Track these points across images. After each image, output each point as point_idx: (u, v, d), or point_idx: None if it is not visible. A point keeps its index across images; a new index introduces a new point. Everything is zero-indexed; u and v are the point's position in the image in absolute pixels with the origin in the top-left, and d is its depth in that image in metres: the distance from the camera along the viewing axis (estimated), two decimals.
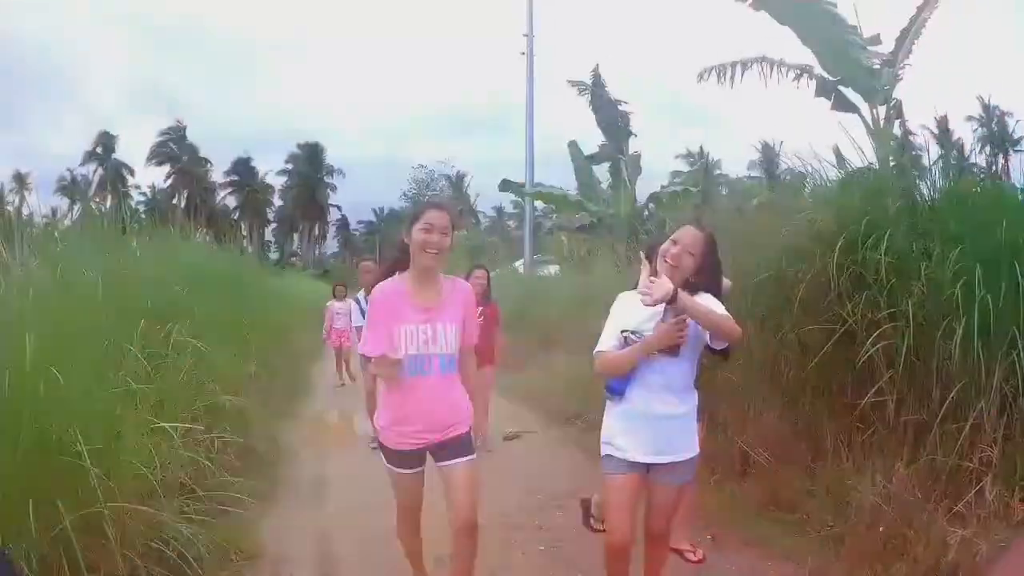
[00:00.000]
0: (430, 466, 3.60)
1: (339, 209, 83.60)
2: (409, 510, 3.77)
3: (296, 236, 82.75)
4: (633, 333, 3.29)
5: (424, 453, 3.56)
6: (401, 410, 3.47)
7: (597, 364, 3.39)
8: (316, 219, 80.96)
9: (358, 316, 8.06)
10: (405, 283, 3.48)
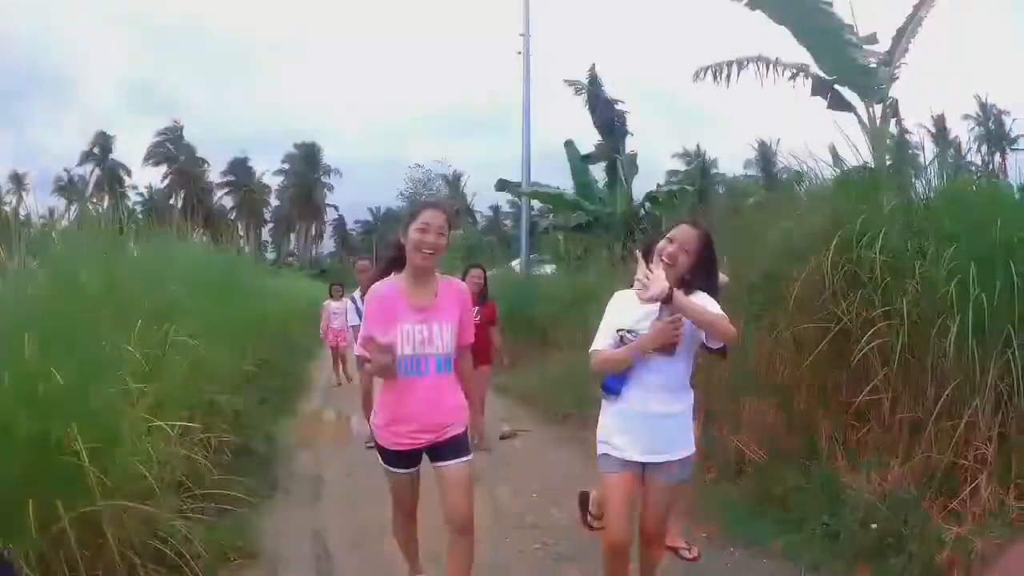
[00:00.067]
0: (426, 465, 3.60)
1: (336, 209, 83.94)
2: (405, 509, 3.78)
3: (293, 236, 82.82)
4: (629, 332, 3.28)
5: (420, 453, 3.56)
6: (397, 410, 3.47)
7: (593, 362, 3.39)
8: (313, 219, 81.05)
9: (354, 315, 8.04)
10: (401, 283, 3.47)
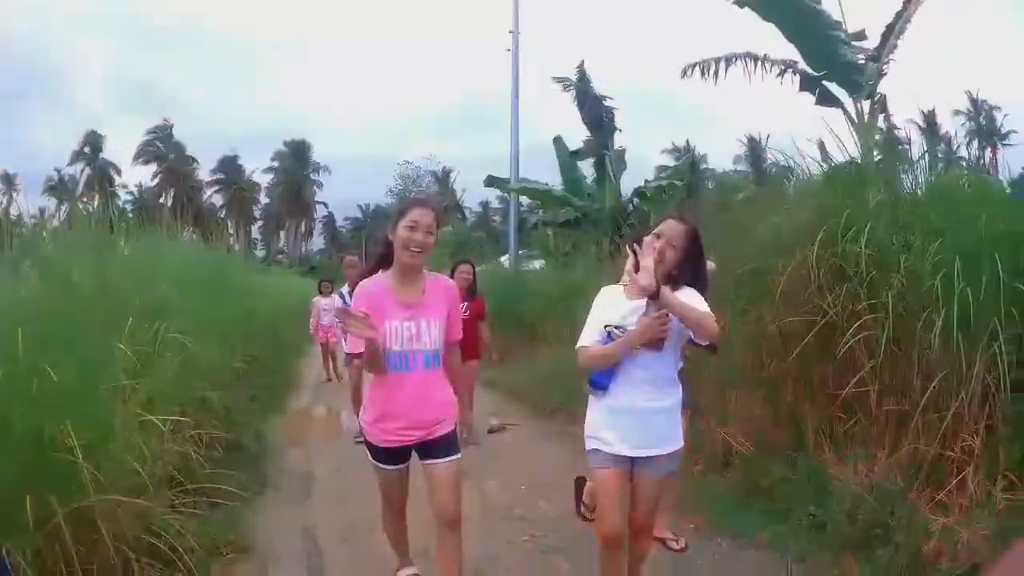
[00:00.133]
0: (415, 460, 3.62)
1: (325, 206, 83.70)
2: (394, 505, 3.81)
3: (282, 233, 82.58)
4: (617, 328, 3.28)
5: (409, 450, 3.58)
6: (386, 406, 3.48)
7: (580, 359, 3.38)
8: (302, 216, 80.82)
9: None
10: (389, 280, 3.48)
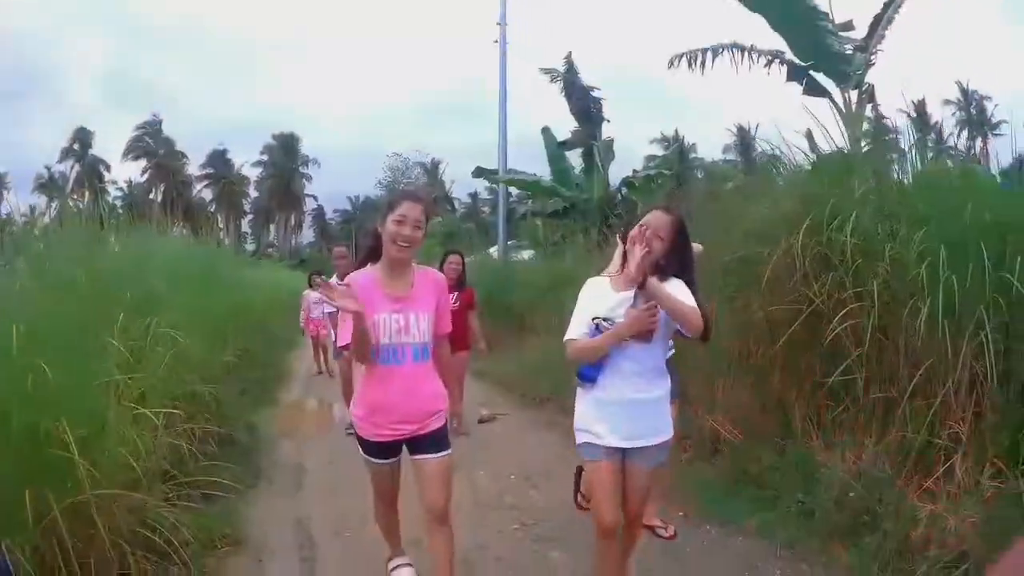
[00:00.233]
0: (405, 454, 3.64)
1: (315, 199, 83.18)
2: (386, 498, 3.83)
3: (272, 227, 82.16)
4: (605, 320, 3.28)
5: (400, 444, 3.59)
6: (376, 400, 3.49)
7: (569, 352, 3.38)
8: (292, 209, 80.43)
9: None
10: (377, 273, 3.48)
